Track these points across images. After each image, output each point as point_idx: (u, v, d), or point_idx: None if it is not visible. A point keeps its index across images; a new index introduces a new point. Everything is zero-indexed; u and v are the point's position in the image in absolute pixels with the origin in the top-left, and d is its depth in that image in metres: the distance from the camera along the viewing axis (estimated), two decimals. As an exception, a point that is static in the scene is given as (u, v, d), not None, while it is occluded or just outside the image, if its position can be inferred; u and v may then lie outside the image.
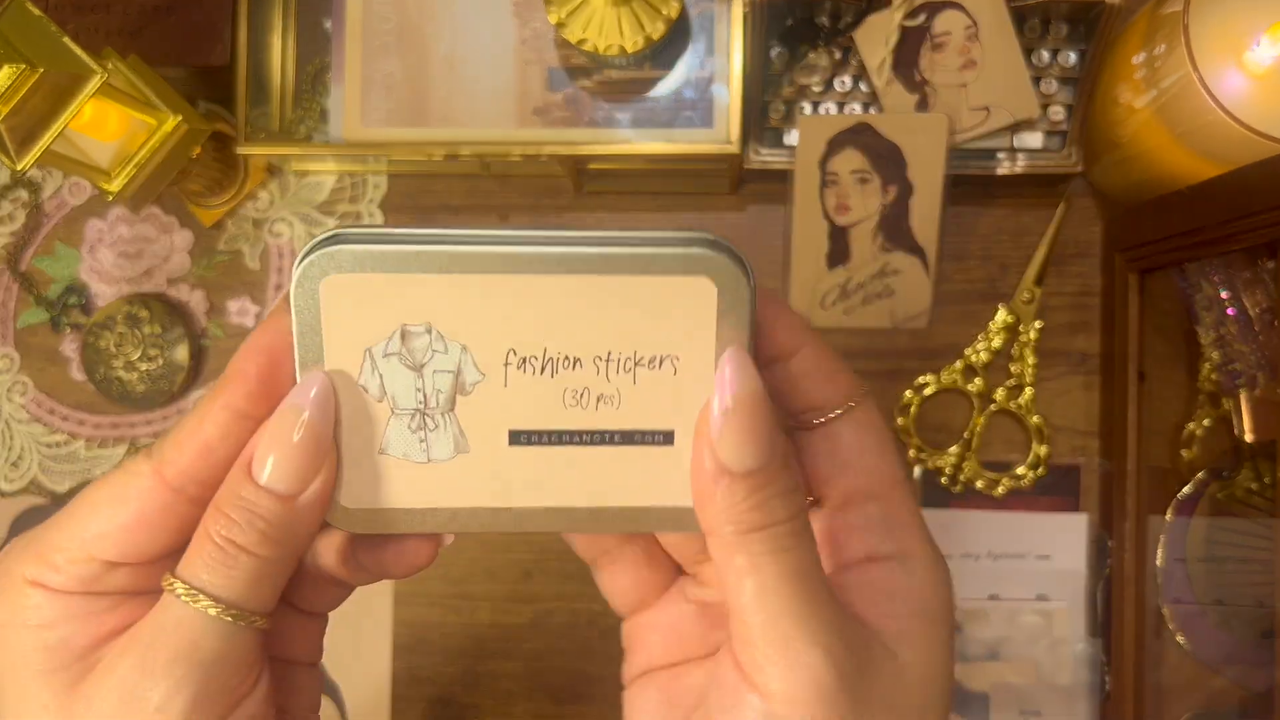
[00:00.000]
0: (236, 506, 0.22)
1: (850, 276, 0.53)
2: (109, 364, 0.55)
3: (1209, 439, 0.53)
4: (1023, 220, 0.55)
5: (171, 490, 0.23)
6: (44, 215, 0.58)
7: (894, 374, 0.55)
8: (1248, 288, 0.49)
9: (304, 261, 0.23)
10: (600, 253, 0.23)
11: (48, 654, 0.23)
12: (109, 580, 0.23)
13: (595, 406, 0.24)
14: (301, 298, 0.23)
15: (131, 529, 0.23)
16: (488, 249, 0.23)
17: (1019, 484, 0.55)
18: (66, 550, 0.23)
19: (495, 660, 0.56)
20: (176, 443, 0.23)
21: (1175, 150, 0.46)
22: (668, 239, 0.23)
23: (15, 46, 0.41)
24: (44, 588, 0.23)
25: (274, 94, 0.54)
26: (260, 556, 0.22)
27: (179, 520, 0.23)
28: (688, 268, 0.23)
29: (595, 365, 0.24)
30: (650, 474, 0.24)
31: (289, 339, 0.23)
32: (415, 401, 0.24)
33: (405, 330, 0.23)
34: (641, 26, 0.48)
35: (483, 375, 0.23)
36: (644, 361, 0.24)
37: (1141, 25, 0.47)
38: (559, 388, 0.24)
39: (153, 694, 0.22)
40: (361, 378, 0.23)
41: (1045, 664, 0.54)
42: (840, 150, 0.51)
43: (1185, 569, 0.53)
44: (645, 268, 0.23)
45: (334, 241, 0.23)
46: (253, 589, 0.22)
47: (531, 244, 0.23)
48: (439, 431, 0.24)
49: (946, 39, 0.50)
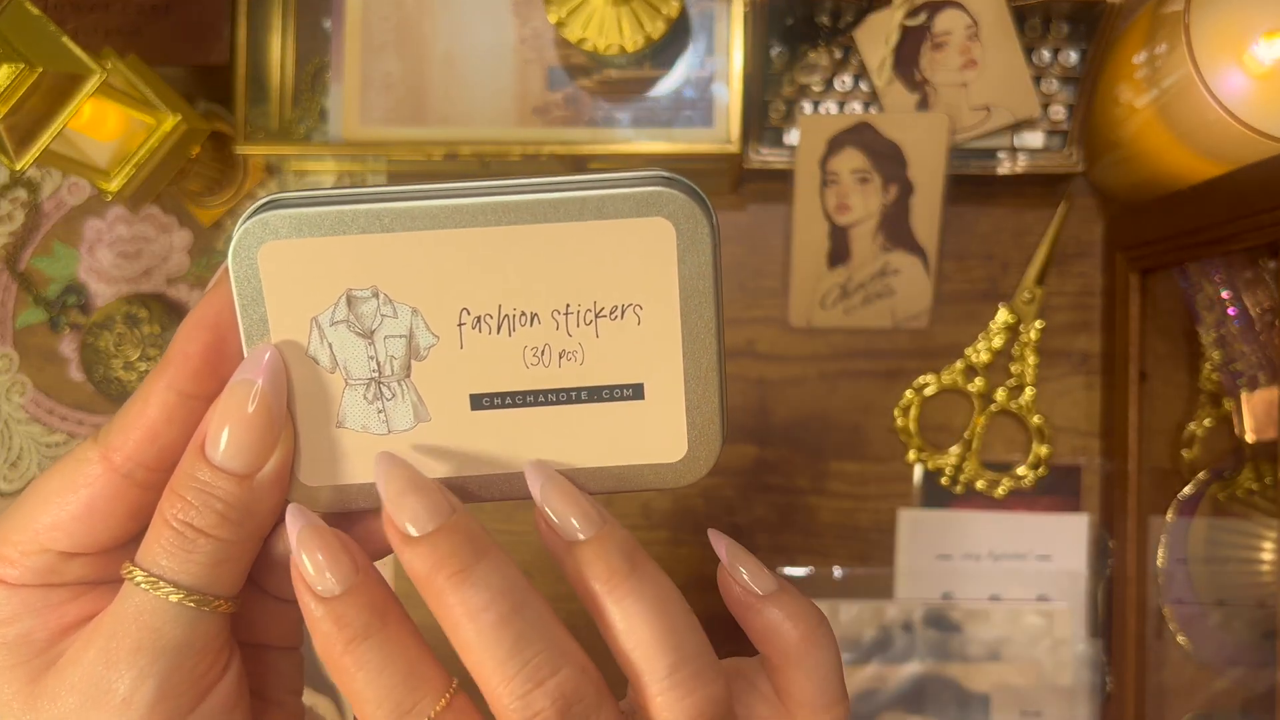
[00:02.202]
0: (191, 489, 0.22)
1: (850, 276, 0.53)
2: (108, 364, 0.55)
3: (1210, 439, 0.53)
4: (1023, 220, 0.55)
5: (120, 476, 0.22)
6: (43, 215, 0.58)
7: (894, 374, 0.55)
8: (1249, 287, 0.48)
9: (240, 230, 0.22)
10: (549, 199, 0.22)
11: (7, 650, 0.22)
12: (66, 571, 0.23)
13: (558, 363, 0.23)
14: (240, 268, 0.22)
15: (82, 518, 0.22)
16: (430, 203, 0.22)
17: (1020, 484, 0.55)
18: (19, 543, 0.22)
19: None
20: (122, 428, 0.22)
21: (1176, 150, 0.46)
22: (619, 180, 0.22)
23: (14, 46, 0.41)
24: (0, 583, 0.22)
25: (273, 93, 0.54)
26: (220, 539, 0.22)
27: (130, 506, 0.23)
28: (642, 209, 0.22)
29: (554, 320, 0.22)
30: (622, 431, 0.23)
31: (232, 314, 0.22)
32: (369, 370, 0.23)
33: (351, 295, 0.22)
34: (641, 26, 0.48)
35: (436, 338, 0.23)
36: (605, 312, 0.22)
37: (1142, 24, 0.47)
38: (518, 346, 0.23)
39: (119, 685, 0.21)
40: (311, 348, 0.22)
41: (1046, 665, 0.54)
42: (841, 150, 0.51)
43: (1186, 569, 0.53)
44: (597, 212, 0.22)
45: (269, 207, 0.22)
46: (214, 573, 0.22)
47: (476, 195, 0.22)
48: (396, 400, 0.23)
49: (947, 38, 0.50)
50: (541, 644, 0.21)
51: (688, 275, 0.22)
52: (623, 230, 0.22)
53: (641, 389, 0.23)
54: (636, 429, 0.23)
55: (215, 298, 0.23)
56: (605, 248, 0.22)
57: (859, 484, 0.55)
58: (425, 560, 0.22)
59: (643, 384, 0.23)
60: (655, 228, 0.22)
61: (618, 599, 0.22)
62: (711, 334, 0.23)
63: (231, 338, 0.23)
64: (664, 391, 0.23)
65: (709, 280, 0.22)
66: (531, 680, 0.21)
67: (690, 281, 0.22)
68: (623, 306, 0.22)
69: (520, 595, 0.22)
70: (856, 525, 0.55)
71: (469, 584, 0.21)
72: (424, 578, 0.22)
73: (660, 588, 0.22)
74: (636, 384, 0.23)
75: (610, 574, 0.22)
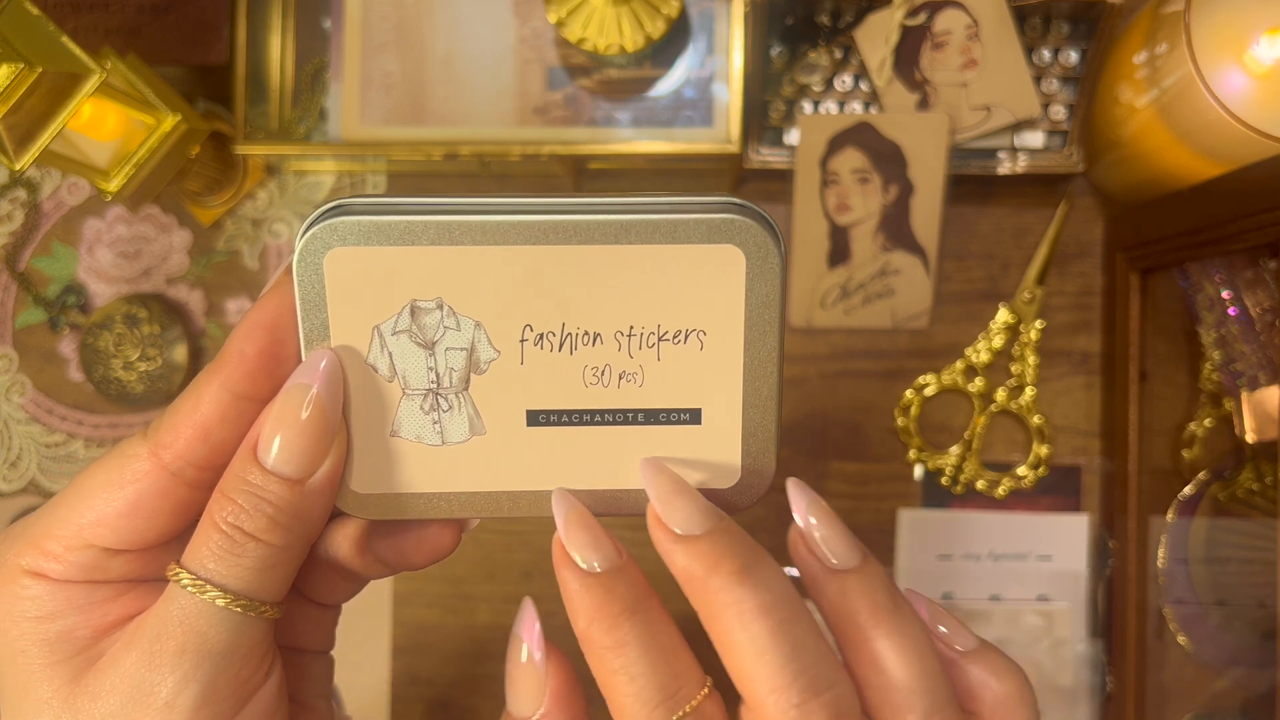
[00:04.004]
0: (243, 492, 0.21)
1: (851, 276, 0.53)
2: (107, 364, 0.55)
3: (1210, 439, 0.53)
4: (1024, 220, 0.55)
5: (169, 473, 0.22)
6: (42, 215, 0.57)
7: (894, 374, 0.55)
8: (1249, 287, 0.48)
9: (306, 234, 0.21)
10: (621, 220, 0.21)
11: (49, 647, 0.22)
12: (110, 568, 0.22)
13: (617, 384, 0.23)
14: (305, 272, 0.22)
15: (128, 515, 0.22)
16: (501, 218, 0.21)
17: (1020, 484, 0.55)
18: (63, 538, 0.22)
19: (495, 662, 0.56)
20: (173, 425, 0.22)
21: (1177, 150, 0.46)
22: (692, 204, 0.22)
23: (13, 45, 0.40)
24: (43, 578, 0.22)
25: (273, 93, 0.54)
26: (269, 544, 0.21)
27: (177, 504, 0.22)
28: (714, 235, 0.22)
29: (617, 341, 0.22)
30: (676, 455, 0.23)
31: (291, 316, 0.22)
32: (428, 381, 0.23)
33: (415, 306, 0.22)
34: (641, 25, 0.48)
35: (498, 353, 0.22)
36: (669, 336, 0.22)
37: (1143, 24, 0.47)
38: (579, 365, 0.22)
39: (161, 688, 0.21)
40: (370, 356, 0.22)
41: (1046, 665, 0.54)
42: (841, 149, 0.51)
43: (1187, 570, 0.53)
44: (669, 236, 0.22)
45: (338, 212, 0.21)
46: (262, 578, 0.21)
47: (547, 212, 0.21)
48: (453, 412, 0.23)
49: (947, 38, 0.50)
50: (817, 655, 0.21)
51: (754, 304, 0.22)
52: (693, 255, 0.22)
53: (699, 414, 0.23)
54: (691, 454, 0.23)
55: (274, 298, 0.22)
56: (674, 272, 0.22)
57: (859, 484, 0.55)
58: (702, 558, 0.21)
59: (700, 409, 0.23)
60: (726, 255, 0.22)
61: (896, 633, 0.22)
62: (774, 362, 0.23)
63: (289, 340, 0.22)
64: (721, 418, 0.23)
65: (775, 310, 0.22)
66: (809, 691, 0.20)
67: (756, 310, 0.22)
68: (686, 331, 0.22)
69: (797, 603, 0.21)
70: (857, 525, 0.55)
71: (748, 584, 0.21)
72: (698, 576, 0.21)
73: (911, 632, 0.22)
74: (695, 409, 0.23)
75: (875, 608, 0.22)
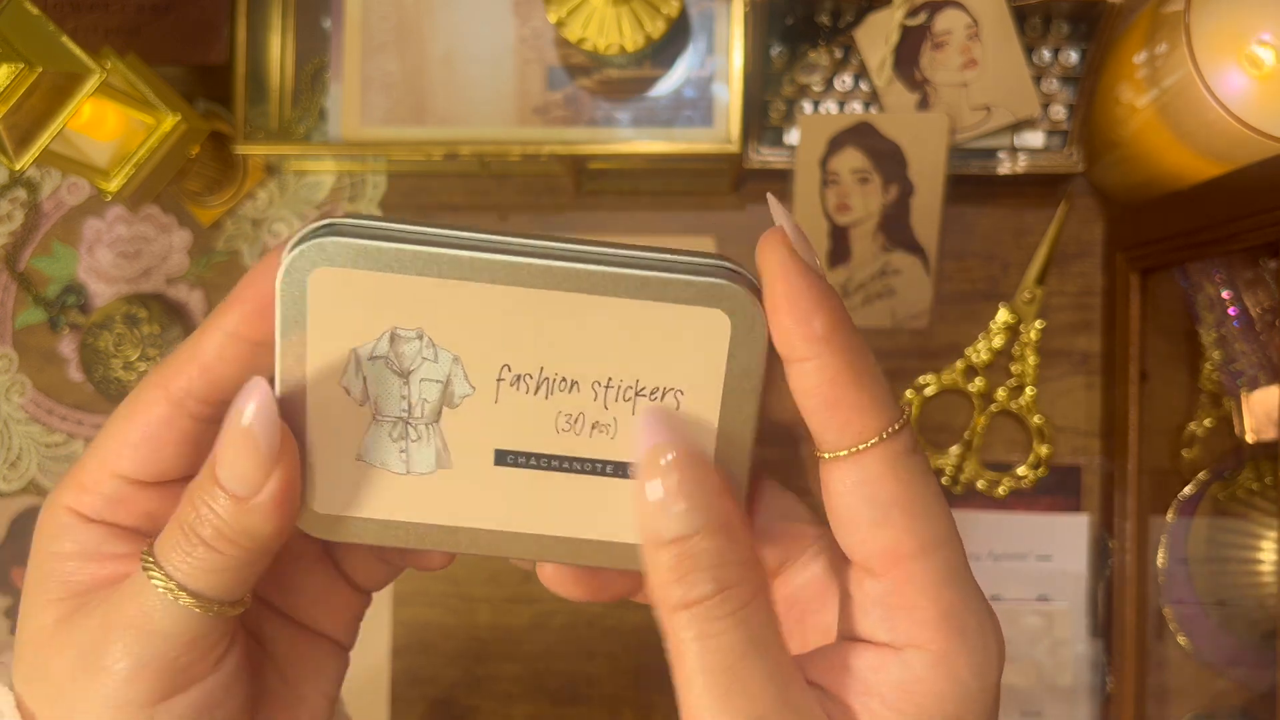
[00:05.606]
0: (199, 498, 0.22)
1: (851, 276, 0.53)
2: (107, 364, 0.55)
3: (1210, 439, 0.53)
4: (1024, 220, 0.55)
5: (173, 404, 0.23)
6: (42, 215, 0.57)
7: (894, 374, 0.55)
8: (1249, 288, 0.48)
9: (294, 251, 0.21)
10: (610, 273, 0.21)
11: (61, 585, 0.23)
12: (133, 503, 0.23)
13: (589, 433, 0.23)
14: (288, 289, 0.22)
15: (141, 444, 0.23)
16: (491, 256, 0.21)
17: (1020, 484, 0.55)
18: (93, 469, 0.23)
19: (495, 662, 0.56)
20: (176, 357, 0.23)
21: (1176, 150, 0.46)
22: (682, 264, 0.22)
23: (13, 45, 0.40)
24: (78, 514, 0.23)
25: (273, 93, 0.54)
26: (217, 551, 0.22)
27: (182, 434, 0.23)
28: (702, 298, 0.21)
29: (593, 390, 0.22)
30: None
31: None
32: (399, 409, 0.23)
33: (395, 333, 0.22)
34: (641, 25, 0.48)
35: (473, 389, 0.22)
36: (645, 391, 0.22)
37: (1143, 24, 0.47)
38: (553, 410, 0.22)
39: (105, 653, 0.22)
40: (344, 378, 0.22)
41: (1046, 665, 0.54)
42: (841, 149, 0.51)
43: (1187, 570, 0.53)
44: (658, 294, 0.21)
45: (327, 232, 0.21)
46: (210, 579, 0.22)
47: (538, 256, 0.21)
48: (421, 443, 0.23)
49: (947, 38, 0.50)
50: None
51: (734, 371, 0.22)
52: (678, 315, 0.22)
53: None
54: None
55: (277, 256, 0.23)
56: (658, 329, 0.22)
57: (859, 484, 0.55)
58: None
59: None
60: (711, 318, 0.22)
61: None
62: (749, 430, 0.23)
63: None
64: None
65: (754, 379, 0.22)
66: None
67: (735, 377, 0.22)
68: (664, 389, 0.22)
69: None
70: (856, 525, 0.55)
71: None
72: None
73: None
74: None
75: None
